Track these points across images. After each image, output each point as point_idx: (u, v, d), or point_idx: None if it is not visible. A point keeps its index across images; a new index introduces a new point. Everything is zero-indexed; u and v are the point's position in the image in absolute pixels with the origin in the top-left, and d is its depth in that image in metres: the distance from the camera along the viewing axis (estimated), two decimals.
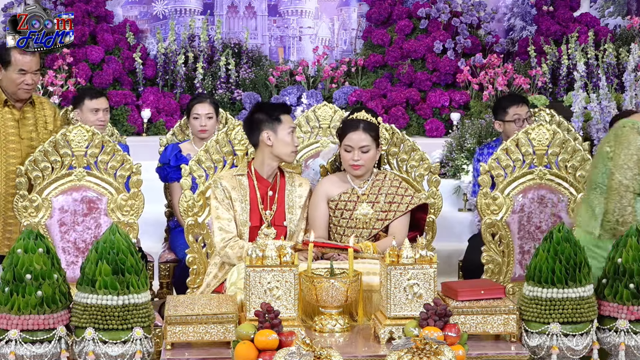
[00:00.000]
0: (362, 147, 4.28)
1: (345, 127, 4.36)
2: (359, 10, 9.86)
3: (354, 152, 4.29)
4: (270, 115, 4.29)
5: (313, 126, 5.69)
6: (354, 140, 4.29)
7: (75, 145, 4.37)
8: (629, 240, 3.47)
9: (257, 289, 3.39)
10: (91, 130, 4.40)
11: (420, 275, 3.39)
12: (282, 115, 4.30)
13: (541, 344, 3.39)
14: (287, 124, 4.29)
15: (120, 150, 4.41)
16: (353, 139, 4.30)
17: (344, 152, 4.33)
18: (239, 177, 4.32)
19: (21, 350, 3.23)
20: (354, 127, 4.32)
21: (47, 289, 3.23)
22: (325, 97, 8.91)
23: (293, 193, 4.36)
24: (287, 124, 4.30)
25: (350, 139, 4.30)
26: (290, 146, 4.30)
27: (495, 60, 8.95)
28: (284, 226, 4.30)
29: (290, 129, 4.29)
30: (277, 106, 4.40)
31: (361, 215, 4.32)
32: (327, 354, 3.01)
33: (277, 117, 4.28)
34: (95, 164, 4.40)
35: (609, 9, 9.98)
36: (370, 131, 4.32)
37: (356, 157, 4.29)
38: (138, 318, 3.25)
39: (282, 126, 4.27)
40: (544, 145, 4.46)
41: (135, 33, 9.33)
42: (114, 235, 3.27)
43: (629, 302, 3.43)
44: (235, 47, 9.30)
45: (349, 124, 4.36)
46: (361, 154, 4.29)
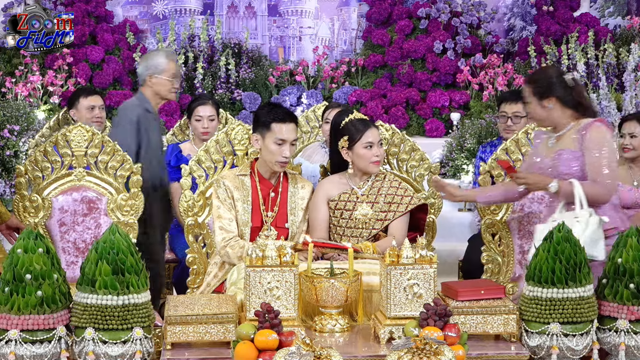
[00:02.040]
0: (379, 141, 4.34)
1: (358, 126, 4.33)
2: (359, 10, 9.86)
3: (375, 148, 4.31)
4: (264, 119, 4.24)
5: (313, 126, 5.70)
6: (373, 136, 4.32)
7: (75, 145, 4.37)
8: (629, 240, 3.47)
9: (257, 289, 3.39)
10: (91, 130, 4.40)
11: (420, 275, 3.39)
12: (274, 124, 4.19)
13: (541, 344, 3.39)
14: (277, 133, 4.18)
15: (120, 150, 4.41)
16: (372, 135, 4.31)
17: (363, 150, 4.30)
18: (241, 177, 4.31)
19: (21, 350, 3.23)
20: (367, 125, 4.34)
21: (47, 289, 3.23)
22: (325, 97, 8.92)
23: (296, 195, 4.35)
24: (277, 134, 4.18)
25: (369, 136, 4.31)
26: (276, 156, 4.21)
27: (495, 60, 8.96)
28: (285, 228, 4.29)
29: (277, 140, 4.18)
30: (276, 112, 4.25)
31: (361, 216, 4.31)
32: (327, 354, 3.01)
33: (267, 124, 4.21)
34: (95, 164, 4.40)
35: (609, 9, 9.98)
36: (377, 127, 4.39)
37: (377, 152, 4.31)
38: (138, 318, 3.25)
39: (269, 134, 4.20)
40: None
41: (135, 33, 9.33)
42: (114, 235, 3.27)
43: (629, 302, 3.43)
44: (235, 47, 9.31)
45: (361, 123, 4.35)
46: (380, 149, 4.32)
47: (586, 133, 3.94)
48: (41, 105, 8.08)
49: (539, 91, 4.03)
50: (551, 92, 4.02)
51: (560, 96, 4.02)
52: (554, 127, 4.09)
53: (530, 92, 4.07)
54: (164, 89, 5.13)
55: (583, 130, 3.96)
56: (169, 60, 5.18)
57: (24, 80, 8.13)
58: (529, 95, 4.07)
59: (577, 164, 3.95)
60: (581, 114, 4.04)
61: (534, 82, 4.07)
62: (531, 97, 4.06)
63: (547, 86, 4.03)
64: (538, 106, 4.04)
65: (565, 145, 4.01)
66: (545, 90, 4.02)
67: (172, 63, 5.19)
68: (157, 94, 5.13)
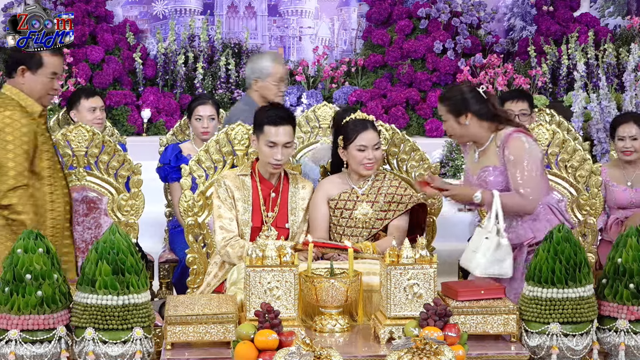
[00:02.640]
0: (375, 144, 4.30)
1: (355, 127, 4.32)
2: (359, 10, 9.86)
3: (368, 151, 4.29)
4: (258, 120, 4.24)
5: (313, 126, 5.69)
6: (368, 139, 4.29)
7: (76, 145, 4.37)
8: (629, 240, 3.47)
9: (257, 289, 3.39)
10: (91, 130, 4.40)
11: (420, 275, 3.39)
12: (266, 126, 4.18)
13: (541, 344, 3.39)
14: (267, 136, 4.17)
15: (120, 150, 4.41)
16: (366, 138, 4.29)
17: (356, 152, 4.30)
18: (242, 177, 4.32)
19: (21, 350, 3.23)
20: (365, 127, 4.30)
21: (47, 289, 3.23)
22: (325, 97, 8.92)
23: (296, 195, 4.35)
24: (268, 136, 4.17)
25: (363, 139, 4.29)
26: (268, 158, 4.21)
27: (495, 60, 8.96)
28: (286, 228, 4.29)
29: (268, 142, 4.18)
30: (269, 114, 4.24)
31: (361, 215, 4.31)
32: (327, 354, 3.00)
33: (260, 126, 4.21)
34: (96, 164, 4.40)
35: (609, 9, 9.98)
36: (376, 129, 4.35)
37: (370, 156, 4.29)
38: (138, 318, 3.25)
39: (262, 136, 4.21)
40: (543, 145, 4.47)
41: (135, 33, 9.33)
42: (114, 235, 3.27)
43: (629, 302, 3.43)
44: (235, 47, 9.31)
45: (359, 123, 4.32)
46: (374, 152, 4.29)
47: (506, 146, 3.99)
48: None
49: (454, 109, 4.06)
50: (466, 108, 4.04)
51: (475, 110, 4.04)
52: (474, 141, 4.13)
53: (445, 110, 4.08)
54: (270, 93, 5.15)
55: (503, 142, 4.01)
56: (275, 64, 5.19)
57: None
58: (445, 114, 4.09)
59: (502, 179, 4.02)
60: (498, 125, 4.07)
61: (448, 100, 4.09)
62: (447, 115, 4.08)
63: (462, 102, 4.05)
64: (455, 123, 4.07)
65: (489, 160, 4.07)
66: (460, 106, 4.04)
67: (278, 66, 5.19)
68: (263, 97, 5.15)
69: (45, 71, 4.00)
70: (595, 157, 7.07)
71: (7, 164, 3.87)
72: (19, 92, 4.01)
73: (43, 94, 4.02)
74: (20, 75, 4.01)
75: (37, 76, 4.00)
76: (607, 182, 5.29)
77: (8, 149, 3.88)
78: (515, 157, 3.97)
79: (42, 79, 4.01)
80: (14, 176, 3.87)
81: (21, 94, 4.00)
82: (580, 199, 4.48)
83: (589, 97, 7.41)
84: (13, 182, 3.87)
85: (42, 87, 4.01)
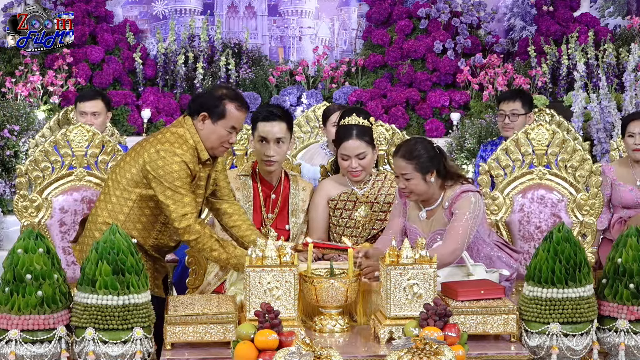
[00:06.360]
0: (358, 154, 4.24)
1: (339, 135, 4.31)
2: (359, 10, 9.86)
3: (351, 160, 4.25)
4: (253, 118, 4.26)
5: (313, 126, 5.70)
6: (350, 149, 4.25)
7: (76, 145, 4.37)
8: (629, 240, 3.47)
9: (257, 289, 3.39)
10: (91, 130, 4.40)
11: (420, 275, 3.39)
12: (259, 122, 4.21)
13: (541, 344, 3.39)
14: (260, 133, 4.20)
15: (120, 150, 4.41)
16: (348, 147, 4.25)
17: (340, 160, 4.29)
18: (243, 177, 4.32)
19: (21, 350, 3.23)
20: (348, 135, 4.25)
21: (47, 289, 3.23)
22: (325, 97, 8.92)
23: (297, 197, 4.35)
24: (261, 133, 4.20)
25: (345, 148, 4.25)
26: (260, 155, 4.23)
27: (495, 60, 8.96)
28: (286, 230, 4.29)
29: (259, 137, 4.19)
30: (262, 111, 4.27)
31: (360, 217, 4.32)
32: (327, 354, 3.00)
33: (254, 122, 4.24)
34: (96, 164, 4.40)
35: (609, 9, 9.98)
36: (363, 136, 4.26)
37: (354, 165, 4.25)
38: (138, 318, 3.25)
39: (255, 133, 4.24)
40: (543, 145, 4.46)
41: (135, 33, 9.33)
42: (114, 235, 3.27)
43: (629, 302, 3.43)
44: (235, 47, 9.31)
45: (343, 131, 4.29)
46: (358, 161, 4.26)
47: (454, 206, 3.92)
48: (41, 105, 8.08)
49: (423, 167, 3.92)
50: (432, 165, 3.94)
51: (438, 169, 3.96)
52: (424, 200, 4.03)
53: (412, 168, 3.92)
54: None
55: (451, 203, 3.95)
56: None
57: (24, 80, 8.12)
58: (411, 172, 3.92)
59: None
60: (445, 183, 4.00)
61: (415, 159, 3.92)
62: (414, 173, 3.92)
63: (429, 160, 3.94)
64: (422, 181, 3.94)
65: (439, 223, 3.98)
66: (428, 164, 3.93)
67: None
68: None
69: (226, 124, 3.84)
70: (595, 157, 7.07)
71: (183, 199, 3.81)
72: (196, 133, 3.86)
73: (216, 145, 3.87)
74: (200, 121, 3.85)
75: (216, 126, 3.85)
76: (613, 181, 5.28)
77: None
78: (459, 212, 3.90)
79: (220, 131, 3.85)
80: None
81: (197, 137, 3.86)
82: (580, 199, 4.48)
83: (589, 97, 7.41)
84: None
85: (217, 139, 3.86)
